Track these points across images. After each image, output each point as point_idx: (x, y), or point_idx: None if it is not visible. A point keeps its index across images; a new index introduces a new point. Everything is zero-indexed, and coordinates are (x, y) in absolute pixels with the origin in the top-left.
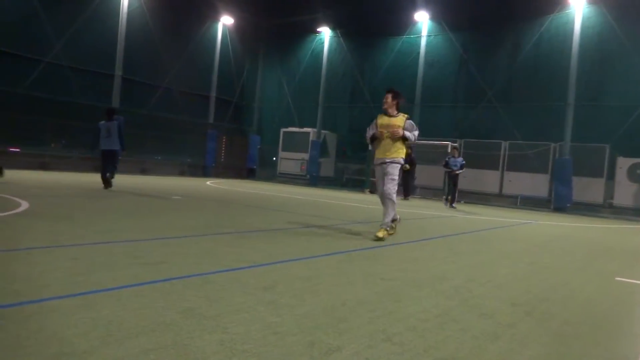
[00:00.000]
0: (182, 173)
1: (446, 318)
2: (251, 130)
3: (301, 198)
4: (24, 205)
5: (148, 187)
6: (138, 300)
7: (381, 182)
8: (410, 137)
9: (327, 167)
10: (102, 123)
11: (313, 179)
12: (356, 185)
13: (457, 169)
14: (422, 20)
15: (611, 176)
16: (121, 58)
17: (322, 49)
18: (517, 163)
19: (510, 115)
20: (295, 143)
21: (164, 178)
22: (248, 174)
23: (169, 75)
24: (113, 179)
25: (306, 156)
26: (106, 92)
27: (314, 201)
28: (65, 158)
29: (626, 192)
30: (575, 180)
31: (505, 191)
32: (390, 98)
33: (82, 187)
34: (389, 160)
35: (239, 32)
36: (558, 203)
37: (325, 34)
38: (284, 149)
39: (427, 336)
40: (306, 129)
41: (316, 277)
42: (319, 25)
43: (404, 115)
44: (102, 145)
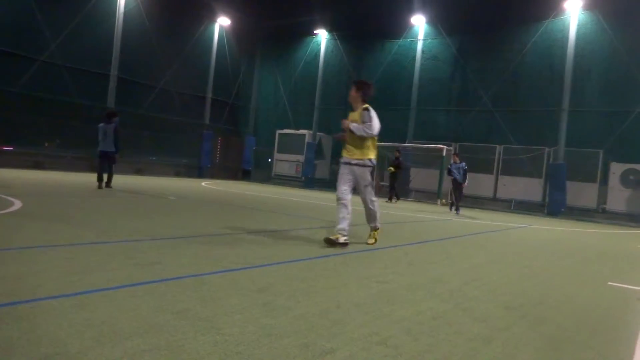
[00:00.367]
0: (178, 174)
1: (440, 321)
2: (247, 131)
3: (296, 200)
4: (17, 204)
5: (143, 188)
6: (132, 300)
7: (343, 184)
8: (355, 131)
9: (323, 169)
10: (102, 125)
11: (308, 181)
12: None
13: (461, 178)
14: (419, 24)
15: (604, 181)
16: (117, 58)
17: (319, 51)
18: (512, 167)
19: (505, 119)
20: (290, 145)
21: (159, 178)
22: (243, 176)
23: (165, 75)
24: (110, 179)
25: (301, 158)
26: (102, 92)
27: (309, 203)
28: (59, 157)
29: (619, 198)
30: (568, 185)
31: (499, 195)
32: (354, 90)
33: (77, 187)
34: (355, 162)
35: (236, 34)
36: (552, 207)
37: (322, 36)
38: (280, 151)
39: (421, 339)
40: (302, 131)
41: (311, 279)
42: (316, 27)
43: (363, 106)
44: (100, 146)
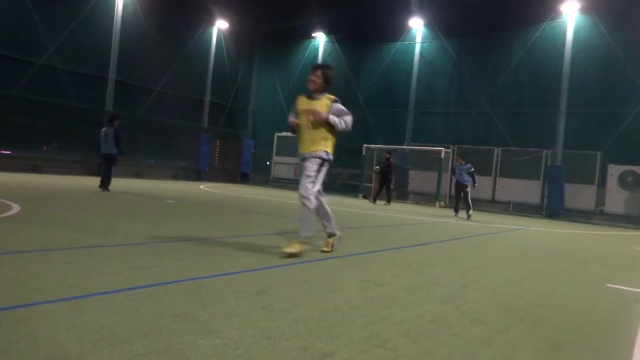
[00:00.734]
0: (176, 177)
1: (439, 323)
2: (245, 134)
3: (295, 203)
4: (15, 208)
5: (141, 191)
6: (131, 304)
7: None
8: (337, 124)
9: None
10: (104, 129)
11: None
12: (350, 190)
13: (466, 180)
14: (417, 26)
15: (602, 183)
16: (115, 61)
17: (317, 54)
18: (510, 169)
19: (503, 121)
20: (289, 148)
21: (158, 182)
22: (242, 178)
23: (163, 78)
24: (107, 182)
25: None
26: (100, 95)
27: None
28: (57, 161)
29: (617, 199)
30: (567, 187)
31: (497, 197)
32: (317, 76)
33: (75, 191)
34: (309, 154)
35: (234, 37)
36: (550, 209)
37: (320, 39)
38: (278, 154)
39: (420, 342)
40: None
41: (310, 282)
42: (314, 30)
43: (330, 97)
44: (101, 149)
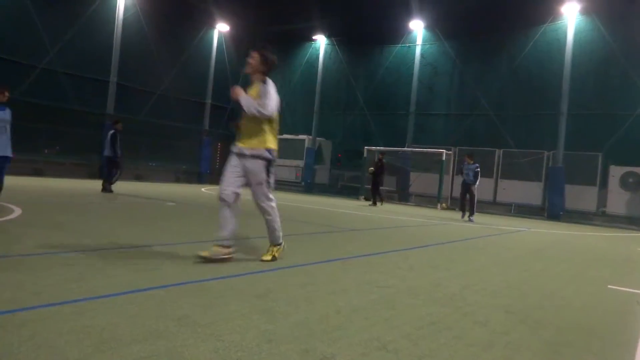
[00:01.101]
0: (177, 179)
1: (441, 326)
2: None
3: (296, 205)
4: (17, 211)
5: (143, 194)
6: (132, 307)
7: (231, 180)
8: (245, 107)
9: (322, 174)
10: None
11: (308, 186)
12: (351, 192)
13: (471, 180)
14: (417, 29)
15: (604, 184)
16: (116, 64)
17: (318, 57)
18: (511, 171)
19: (503, 123)
20: (290, 150)
21: (159, 184)
22: None
23: (164, 81)
24: (109, 185)
25: (301, 163)
26: (101, 99)
27: (309, 208)
28: (59, 164)
29: (619, 201)
30: (568, 188)
31: (499, 199)
32: (255, 59)
33: (76, 194)
34: (249, 152)
35: (235, 39)
36: (551, 211)
37: (320, 42)
38: (279, 156)
39: (422, 344)
40: (301, 136)
41: (311, 285)
42: (315, 33)
43: (263, 78)
44: (104, 152)
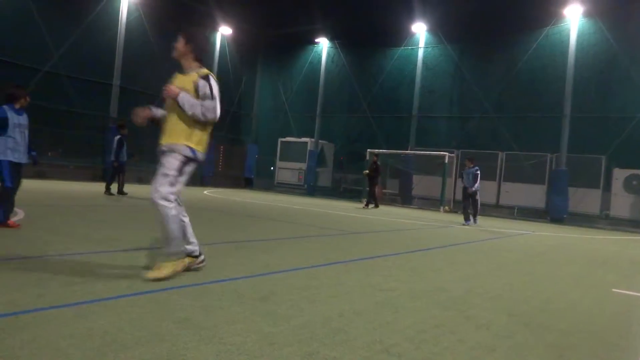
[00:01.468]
0: None
1: (443, 329)
2: (249, 139)
3: (298, 208)
4: (20, 214)
5: (145, 196)
6: (134, 310)
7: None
8: (187, 107)
9: (325, 177)
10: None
11: (310, 189)
12: (354, 195)
13: (469, 184)
14: (420, 31)
15: (607, 187)
16: (119, 67)
17: (320, 60)
18: (514, 174)
19: (507, 126)
20: (292, 153)
21: None
22: (245, 184)
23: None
24: (110, 188)
25: (304, 166)
26: (104, 102)
27: (312, 211)
28: (62, 167)
29: (622, 204)
30: (571, 191)
31: (502, 202)
32: (181, 42)
33: (79, 197)
34: (167, 147)
35: (237, 43)
36: (555, 214)
37: (323, 45)
38: (282, 159)
39: (424, 347)
40: (304, 139)
41: (313, 288)
42: (317, 35)
43: (201, 71)
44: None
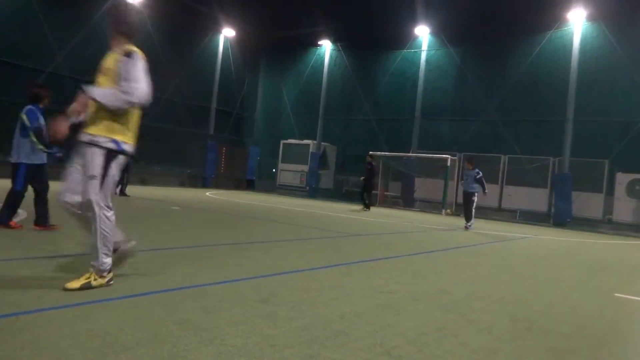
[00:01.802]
0: (182, 184)
1: (445, 332)
2: (251, 141)
3: (300, 210)
4: (22, 214)
5: (147, 198)
6: (135, 311)
7: (71, 184)
8: (104, 101)
9: (327, 179)
10: None
11: (312, 191)
12: (355, 197)
13: (472, 188)
14: (423, 34)
15: (610, 192)
16: None
17: (323, 62)
18: (517, 177)
19: (509, 129)
20: (295, 155)
21: (164, 188)
22: (248, 186)
23: (170, 86)
24: (118, 189)
25: (306, 168)
26: None
27: (314, 213)
28: (65, 168)
29: (625, 208)
30: (574, 195)
31: (504, 205)
32: (110, 16)
33: None
34: (87, 138)
35: (240, 44)
36: (557, 218)
37: (326, 47)
38: (284, 161)
39: (426, 350)
40: (306, 141)
41: (315, 290)
42: (320, 38)
43: (126, 48)
44: None
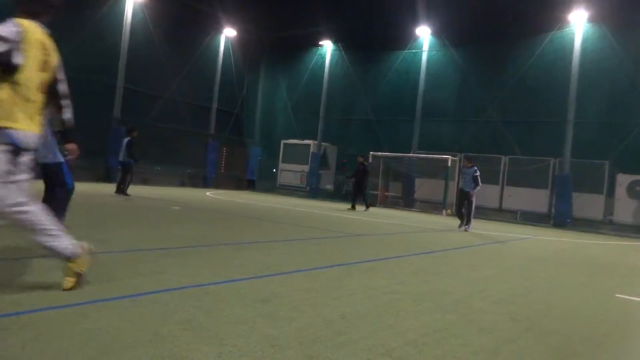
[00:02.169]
0: (183, 183)
1: (446, 333)
2: (252, 141)
3: (301, 210)
4: None
5: (148, 197)
6: (136, 310)
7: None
8: None
9: (327, 179)
10: (124, 139)
11: (313, 191)
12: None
13: (470, 186)
14: (424, 35)
15: (611, 193)
16: (123, 69)
17: (324, 62)
18: (517, 178)
19: (510, 130)
20: (295, 155)
21: (164, 188)
22: (248, 186)
23: (171, 86)
24: (122, 189)
25: (306, 168)
26: (108, 103)
27: (314, 213)
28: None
29: (626, 209)
30: (575, 196)
31: (505, 206)
32: None
33: (82, 197)
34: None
35: (241, 44)
36: (558, 219)
37: (327, 47)
38: (284, 161)
39: (427, 351)
40: (307, 141)
41: (315, 290)
42: (321, 38)
43: (17, 22)
44: (119, 157)
